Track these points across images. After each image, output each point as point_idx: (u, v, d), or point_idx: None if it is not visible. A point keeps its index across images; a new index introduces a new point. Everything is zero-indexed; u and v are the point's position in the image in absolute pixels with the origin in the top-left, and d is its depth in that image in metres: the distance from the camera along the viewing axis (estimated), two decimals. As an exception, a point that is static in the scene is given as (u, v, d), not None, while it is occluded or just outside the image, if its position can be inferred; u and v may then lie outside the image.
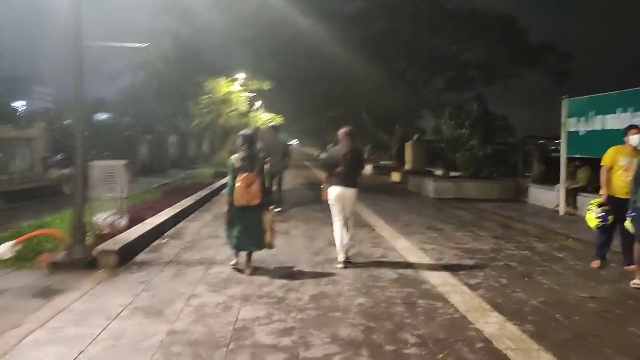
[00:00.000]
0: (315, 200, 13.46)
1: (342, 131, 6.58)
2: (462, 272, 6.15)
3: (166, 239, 7.66)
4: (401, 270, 6.14)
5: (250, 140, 6.01)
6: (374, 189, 17.50)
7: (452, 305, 4.87)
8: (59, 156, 15.42)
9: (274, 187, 11.18)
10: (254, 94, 28.09)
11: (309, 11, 27.43)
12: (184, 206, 10.00)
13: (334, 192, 6.43)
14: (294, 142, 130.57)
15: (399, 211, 11.87)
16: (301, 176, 23.82)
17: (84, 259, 5.82)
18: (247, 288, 5.28)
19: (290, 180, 20.36)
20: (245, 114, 28.27)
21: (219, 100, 25.72)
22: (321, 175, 7.74)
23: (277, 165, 11.20)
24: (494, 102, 18.08)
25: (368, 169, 26.73)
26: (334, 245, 6.62)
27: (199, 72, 24.64)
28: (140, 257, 6.51)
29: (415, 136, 22.43)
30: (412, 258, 6.87)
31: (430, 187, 15.61)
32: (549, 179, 14.29)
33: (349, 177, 6.40)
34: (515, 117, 18.57)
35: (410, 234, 8.74)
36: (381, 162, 35.04)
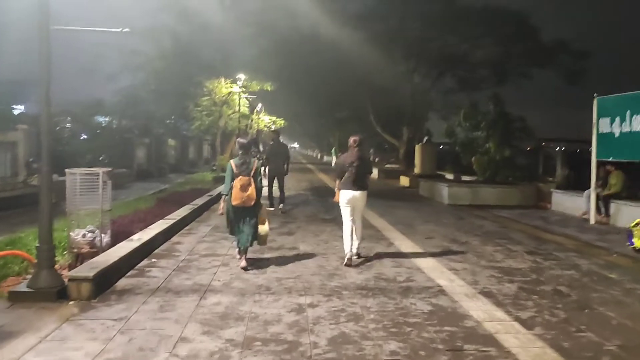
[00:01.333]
0: (322, 207, 12.45)
1: (352, 139, 7.04)
2: (507, 302, 5.11)
3: (155, 259, 6.63)
4: (434, 300, 5.11)
5: (246, 146, 6.66)
6: (384, 195, 16.47)
7: (510, 352, 3.84)
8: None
9: (277, 189, 11.81)
10: (255, 96, 27.08)
11: (314, 9, 26.48)
12: (179, 217, 8.98)
13: (344, 196, 6.81)
14: (294, 145, 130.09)
15: (415, 220, 10.84)
16: (305, 180, 22.79)
17: (52, 289, 4.80)
18: (250, 327, 4.25)
19: (294, 185, 19.37)
20: (246, 116, 27.25)
21: (220, 102, 24.74)
22: (329, 179, 8.51)
23: (278, 168, 11.67)
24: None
25: (374, 173, 25.71)
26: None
27: (199, 72, 23.66)
28: (122, 282, 5.49)
29: (425, 138, 21.41)
30: (443, 281, 5.84)
31: (444, 192, 14.58)
32: (575, 184, 13.29)
33: (358, 181, 6.79)
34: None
35: (434, 249, 7.71)
36: (387, 166, 34.05)
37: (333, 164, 43.02)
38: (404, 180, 21.30)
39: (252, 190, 6.28)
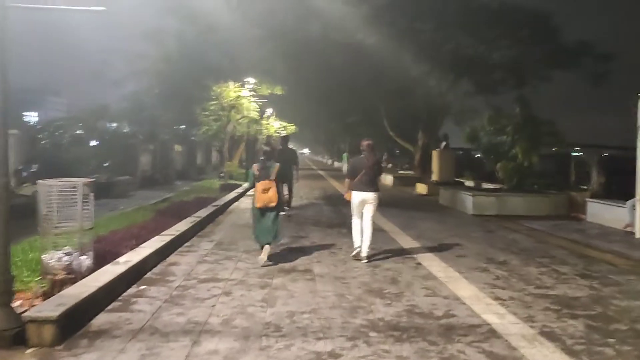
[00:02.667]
0: (338, 218, 11.41)
1: (364, 143, 7.45)
2: (579, 348, 4.05)
3: (145, 286, 5.63)
4: (487, 346, 4.06)
5: (268, 153, 7.20)
6: (402, 204, 15.41)
7: None
8: (33, 168, 13.56)
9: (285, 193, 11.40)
10: (266, 100, 26.15)
11: (324, 10, 25.56)
12: (178, 232, 7.99)
13: (356, 197, 7.21)
14: (305, 151, 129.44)
15: (441, 234, 9.76)
16: (317, 188, 21.77)
17: (6, 332, 3.82)
18: (254, 390, 3.23)
19: (306, 193, 18.37)
20: (256, 121, 26.32)
21: (227, 106, 23.82)
22: (342, 187, 8.94)
23: (286, 173, 11.27)
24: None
25: (389, 180, 24.62)
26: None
27: (206, 75, 22.78)
28: (100, 319, 4.49)
29: (443, 144, 20.31)
30: (491, 317, 4.78)
31: (468, 202, 13.49)
32: (613, 192, 12.18)
33: (370, 183, 7.17)
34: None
35: (469, 271, 6.64)
36: (400, 172, 32.97)
37: (344, 170, 42.07)
38: (421, 188, 20.19)
39: (272, 192, 6.82)
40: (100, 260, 5.80)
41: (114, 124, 26.31)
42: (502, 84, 26.08)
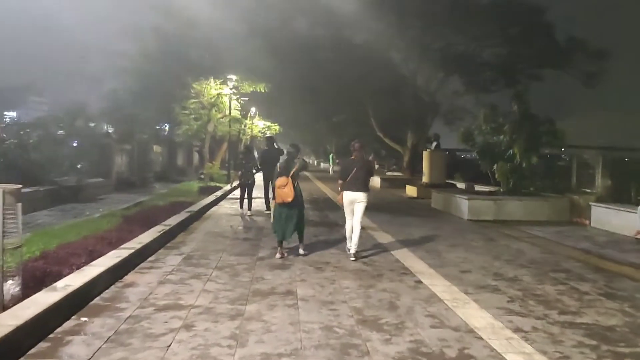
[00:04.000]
0: (325, 225, 10.40)
1: (354, 144, 7.58)
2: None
3: (87, 317, 4.57)
4: (522, 407, 3.09)
5: (290, 153, 7.71)
6: (392, 209, 14.50)
7: None
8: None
9: (270, 193, 12.23)
10: (247, 99, 25.08)
11: (309, 6, 24.61)
12: (140, 245, 6.92)
13: (347, 197, 7.35)
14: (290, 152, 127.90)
15: (438, 243, 8.82)
16: (303, 190, 20.71)
17: None
18: None
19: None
20: (238, 121, 25.22)
21: (208, 105, 22.71)
22: (330, 190, 10.32)
23: (273, 173, 11.41)
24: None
25: (376, 181, 23.68)
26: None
27: (186, 71, 21.66)
28: (14, 370, 3.45)
29: (434, 144, 19.42)
30: (516, 358, 3.82)
31: (464, 206, 12.59)
32: (620, 196, 11.37)
33: (360, 183, 7.28)
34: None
35: (478, 291, 5.70)
36: (388, 173, 32.13)
37: (331, 171, 41.10)
38: (411, 190, 19.31)
39: (289, 188, 7.12)
40: (37, 285, 4.76)
41: (92, 124, 25.07)
42: (492, 82, 25.39)
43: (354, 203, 7.30)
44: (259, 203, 14.97)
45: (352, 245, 7.22)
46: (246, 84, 22.92)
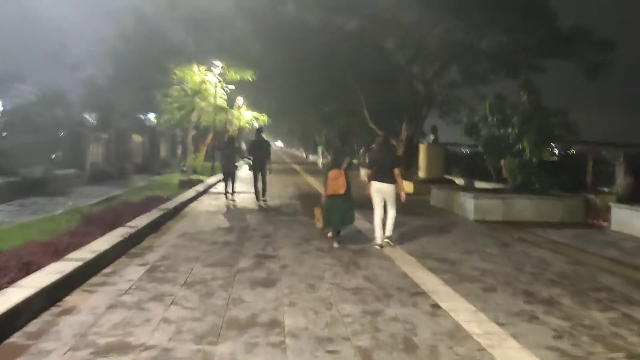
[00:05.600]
0: (316, 226, 9.16)
1: (379, 138, 8.36)
2: None
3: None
4: None
5: (337, 145, 8.10)
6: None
7: None
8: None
9: (259, 183, 12.86)
10: (233, 87, 23.69)
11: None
12: (94, 254, 5.66)
13: (375, 186, 7.64)
14: (278, 143, 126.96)
15: (449, 250, 7.64)
16: (291, 184, 19.52)
17: None
18: None
19: (278, 191, 16.12)
20: (224, 110, 23.83)
21: (192, 92, 21.33)
22: (320, 185, 12.15)
23: (261, 163, 12.76)
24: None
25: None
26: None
27: (168, 56, 20.25)
28: None
29: (432, 137, 18.28)
30: None
31: (469, 205, 11.45)
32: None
33: (386, 174, 7.57)
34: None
35: (513, 320, 4.52)
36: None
37: (320, 164, 39.82)
38: (407, 186, 18.05)
39: (342, 181, 7.39)
40: None
41: (68, 112, 23.58)
42: (492, 72, 24.23)
43: (382, 193, 7.60)
44: (244, 197, 13.74)
45: (388, 228, 7.64)
46: (232, 71, 21.55)
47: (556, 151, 13.10)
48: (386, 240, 7.59)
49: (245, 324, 4.22)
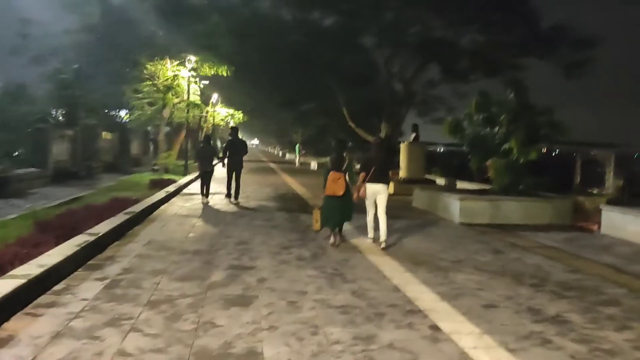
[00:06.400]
0: (297, 233, 8.52)
1: (376, 140, 8.88)
2: None
3: None
4: None
5: (339, 147, 7.89)
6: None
7: None
8: None
9: (233, 183, 12.96)
10: (207, 82, 22.86)
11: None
12: (42, 268, 4.92)
13: (369, 189, 7.69)
14: (254, 142, 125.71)
15: (439, 258, 7.09)
16: (268, 184, 18.83)
17: None
18: None
19: (254, 192, 15.43)
20: (198, 107, 22.97)
21: (164, 88, 20.44)
22: (299, 185, 14.48)
23: (237, 162, 12.90)
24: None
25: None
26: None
27: (138, 49, 19.31)
28: None
29: (413, 135, 17.81)
30: None
31: (454, 207, 10.95)
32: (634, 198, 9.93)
33: (381, 175, 7.72)
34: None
35: (522, 345, 3.98)
36: (358, 166, 30.39)
37: (297, 163, 39.13)
38: (387, 186, 17.59)
39: (341, 182, 7.49)
40: None
41: (29, 107, 22.37)
42: (471, 71, 23.93)
43: (376, 195, 7.70)
44: (219, 199, 13.02)
45: (382, 234, 7.57)
46: (206, 65, 20.72)
47: (543, 151, 12.70)
48: (382, 245, 7.53)
49: (217, 356, 3.57)
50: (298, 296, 5.04)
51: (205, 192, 12.79)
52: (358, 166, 9.02)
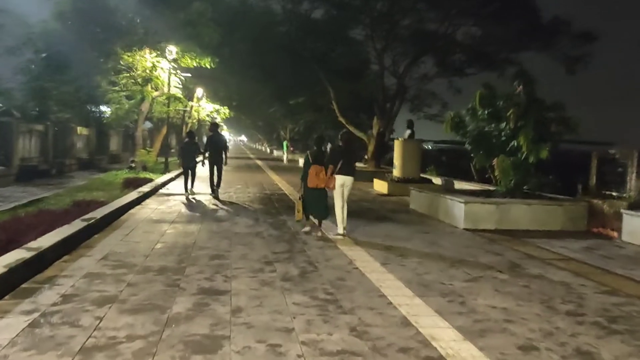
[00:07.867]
0: (282, 239, 7.35)
1: (344, 134, 8.74)
2: None
3: None
4: None
5: (320, 142, 8.57)
6: (363, 210, 11.70)
7: None
8: None
9: (215, 179, 13.05)
10: (189, 75, 21.58)
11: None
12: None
13: (339, 180, 8.07)
14: (242, 138, 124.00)
15: (452, 276, 5.98)
16: (253, 183, 17.64)
17: None
18: None
19: (236, 191, 14.27)
20: (178, 99, 21.66)
21: (142, 80, 19.13)
22: (286, 183, 15.24)
23: (218, 158, 13.03)
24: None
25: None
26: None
27: (114, 39, 17.96)
28: None
29: (408, 132, 16.74)
30: None
31: (457, 211, 9.88)
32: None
33: (349, 168, 8.14)
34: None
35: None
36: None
37: (285, 160, 37.91)
38: (380, 186, 16.55)
39: (323, 175, 7.95)
40: None
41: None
42: (468, 64, 22.98)
43: (344, 186, 8.09)
44: (199, 199, 11.85)
45: (344, 222, 8.08)
46: (188, 56, 19.43)
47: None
48: (341, 236, 7.94)
49: None
50: (282, 336, 3.89)
51: (190, 187, 13.24)
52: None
